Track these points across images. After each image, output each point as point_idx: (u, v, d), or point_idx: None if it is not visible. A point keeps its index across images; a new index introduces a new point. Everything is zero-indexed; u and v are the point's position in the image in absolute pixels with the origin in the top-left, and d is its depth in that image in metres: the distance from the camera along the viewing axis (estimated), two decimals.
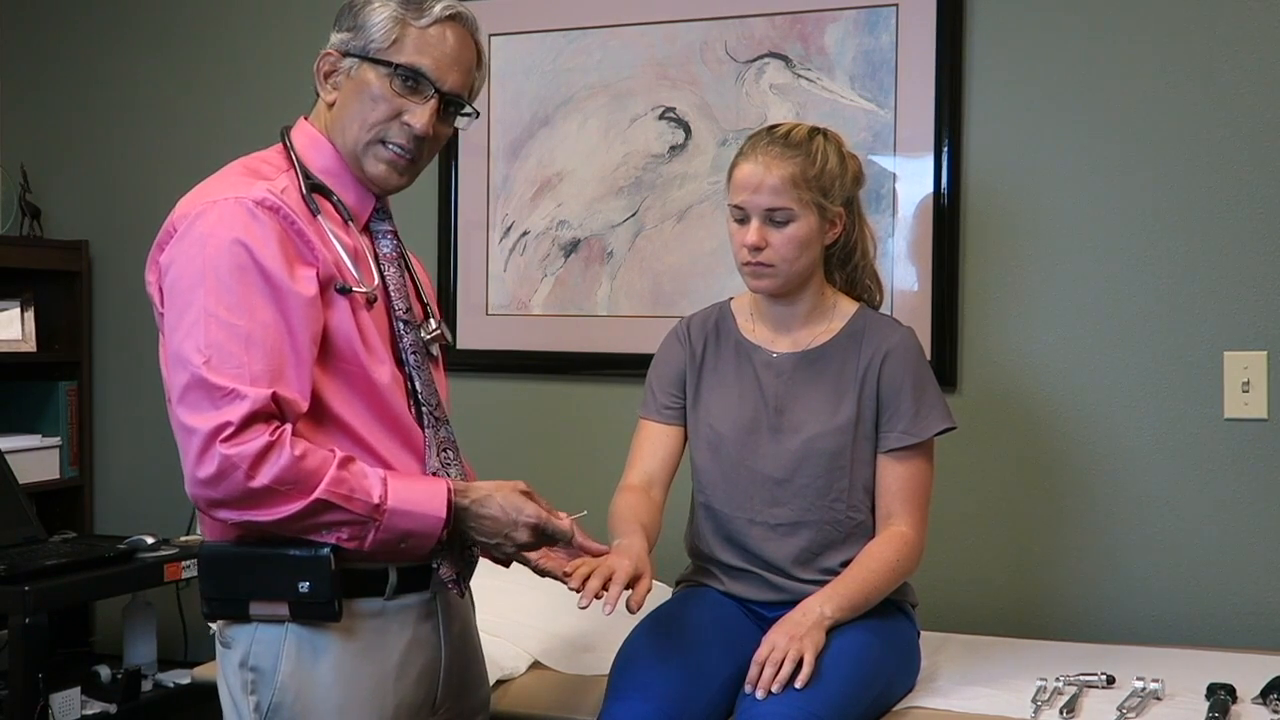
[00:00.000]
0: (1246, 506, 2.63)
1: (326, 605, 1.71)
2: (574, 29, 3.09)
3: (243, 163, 1.83)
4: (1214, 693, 2.12)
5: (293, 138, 1.87)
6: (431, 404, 1.85)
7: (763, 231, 2.15)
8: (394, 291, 1.85)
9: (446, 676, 1.88)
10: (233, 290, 1.66)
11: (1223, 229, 2.63)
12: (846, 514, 2.20)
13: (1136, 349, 2.69)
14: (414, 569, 1.81)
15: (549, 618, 2.47)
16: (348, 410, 1.75)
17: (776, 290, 2.21)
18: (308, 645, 1.74)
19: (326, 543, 1.69)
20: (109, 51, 3.54)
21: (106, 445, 3.52)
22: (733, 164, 2.20)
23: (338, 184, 1.84)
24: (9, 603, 2.57)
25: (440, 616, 1.87)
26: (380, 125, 1.81)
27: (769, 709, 1.95)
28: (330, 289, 1.74)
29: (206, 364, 1.64)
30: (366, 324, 1.78)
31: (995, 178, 2.78)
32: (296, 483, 1.64)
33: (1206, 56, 2.64)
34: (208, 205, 1.71)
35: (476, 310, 3.19)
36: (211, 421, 1.62)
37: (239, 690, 1.77)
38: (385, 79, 1.80)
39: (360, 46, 1.80)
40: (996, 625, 2.72)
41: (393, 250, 1.89)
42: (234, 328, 1.65)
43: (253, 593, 1.74)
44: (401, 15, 1.80)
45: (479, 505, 1.77)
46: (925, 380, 2.22)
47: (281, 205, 1.72)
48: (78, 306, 3.50)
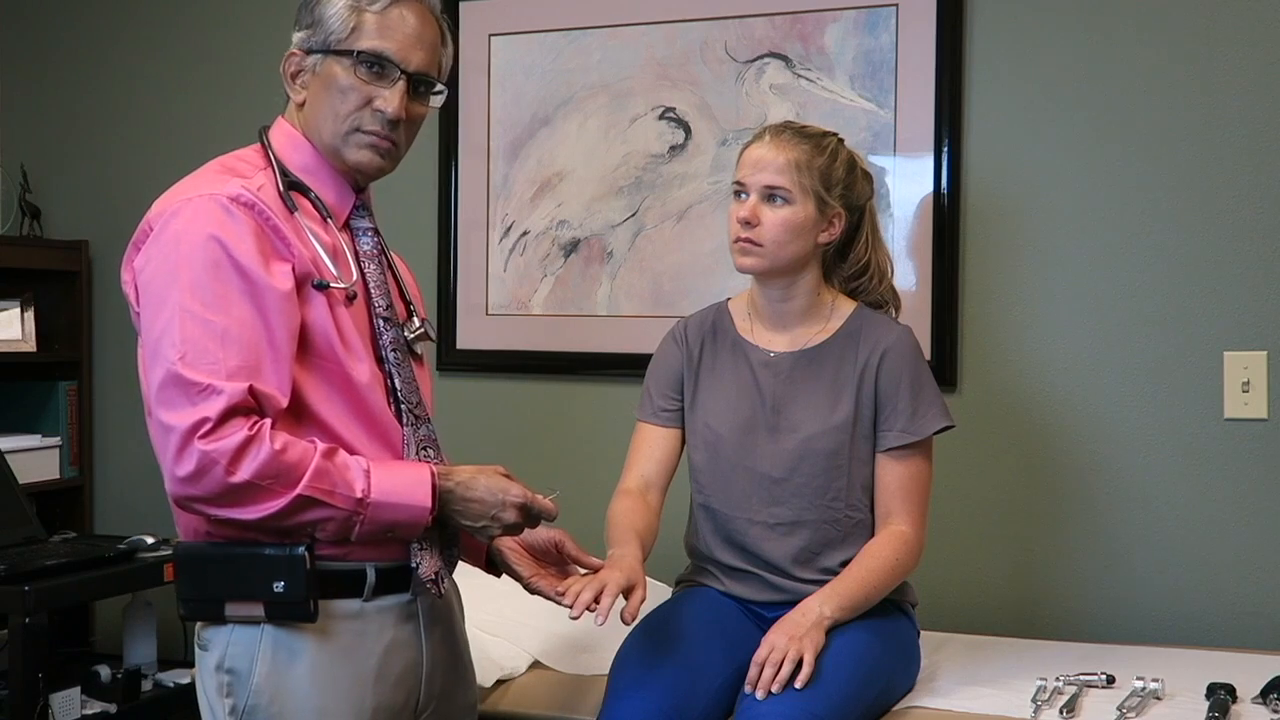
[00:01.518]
0: (1246, 506, 2.63)
1: (302, 605, 1.69)
2: (574, 29, 3.09)
3: (220, 161, 1.82)
4: (1214, 693, 2.12)
5: (270, 136, 1.86)
6: (412, 402, 1.83)
7: (757, 209, 2.16)
8: (374, 288, 1.83)
9: (429, 679, 1.85)
10: (208, 287, 1.65)
11: (1223, 229, 2.63)
12: (845, 513, 2.20)
13: (1136, 349, 2.69)
14: (393, 569, 1.79)
15: (549, 618, 2.47)
16: (326, 407, 1.73)
17: (761, 270, 2.20)
18: (284, 647, 1.72)
19: (303, 541, 1.68)
20: (109, 51, 3.54)
21: (106, 445, 3.52)
22: (744, 146, 2.24)
23: (316, 181, 1.82)
24: (9, 603, 2.57)
25: (421, 619, 1.84)
26: (353, 114, 1.80)
27: (769, 709, 1.95)
28: (307, 285, 1.73)
29: (182, 359, 1.62)
30: (345, 321, 1.76)
31: (995, 178, 2.78)
32: (278, 477, 1.63)
33: (1206, 56, 2.64)
34: (182, 203, 1.70)
35: (476, 310, 3.18)
36: (189, 418, 1.60)
37: (215, 693, 1.74)
38: (350, 69, 1.79)
39: (321, 41, 1.79)
40: (996, 625, 2.72)
41: (374, 247, 1.87)
42: (209, 324, 1.63)
43: (228, 593, 1.71)
44: (356, 3, 1.79)
45: (464, 488, 1.75)
46: (923, 379, 2.22)
47: (257, 201, 1.71)
48: (78, 306, 3.50)
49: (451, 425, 3.16)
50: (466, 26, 3.16)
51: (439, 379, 3.20)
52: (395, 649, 1.80)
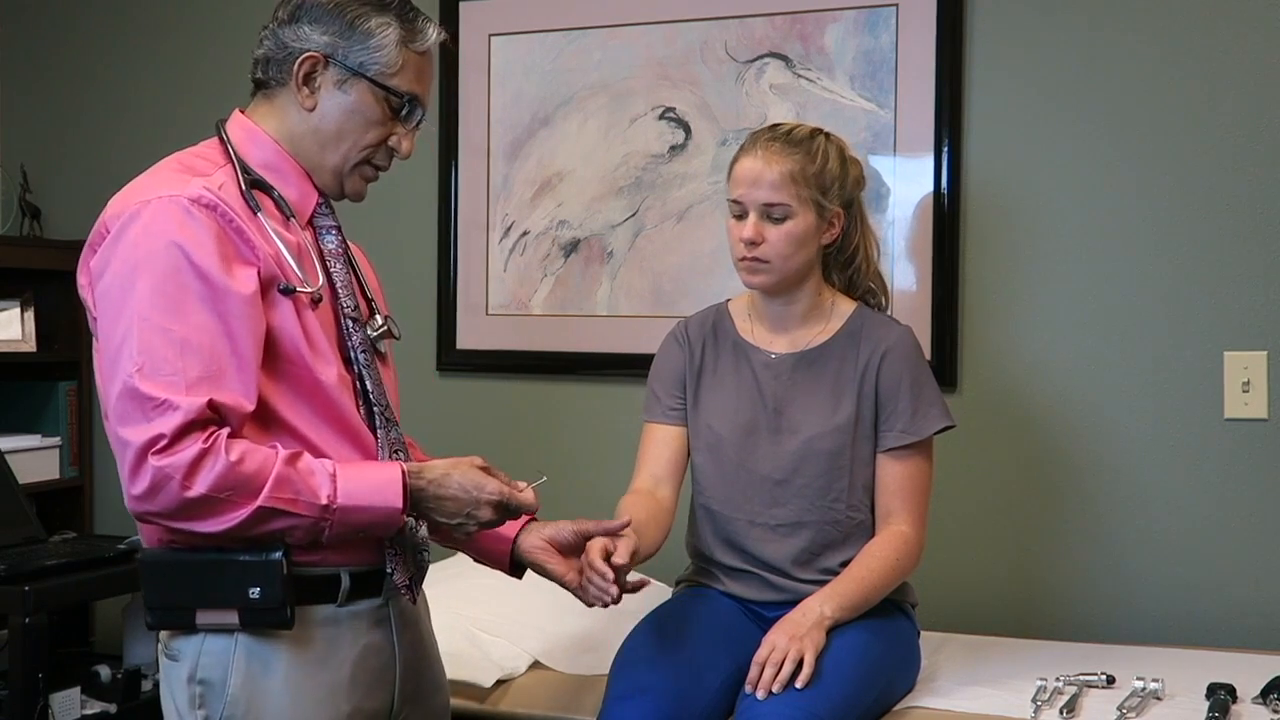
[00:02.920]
0: (1246, 506, 2.63)
1: (279, 611, 1.65)
2: (574, 29, 3.09)
3: (177, 158, 1.77)
4: (1214, 693, 2.12)
5: (228, 130, 1.81)
6: (382, 404, 1.80)
7: (759, 227, 2.15)
8: (341, 289, 1.79)
9: (402, 682, 1.83)
10: (166, 294, 1.60)
11: (1223, 229, 2.63)
12: (846, 514, 2.20)
13: (1136, 349, 2.69)
14: (367, 573, 1.76)
15: (549, 618, 2.47)
16: (294, 414, 1.69)
17: (771, 287, 2.21)
18: (258, 656, 1.68)
19: (278, 546, 1.65)
20: (109, 51, 3.54)
21: (106, 445, 3.49)
22: (734, 159, 2.21)
23: (278, 178, 1.77)
24: (9, 603, 2.57)
25: (393, 623, 1.81)
26: (371, 148, 1.79)
27: (769, 709, 1.95)
28: (273, 289, 1.68)
29: (139, 371, 1.58)
30: (312, 324, 1.72)
31: (995, 178, 2.78)
32: (236, 488, 1.59)
33: (1206, 56, 2.64)
34: (141, 205, 1.65)
35: (476, 310, 3.18)
36: (143, 435, 1.56)
37: (186, 705, 1.70)
38: (383, 103, 1.76)
39: (358, 64, 1.74)
40: (996, 625, 2.72)
41: (337, 246, 1.82)
42: (168, 333, 1.59)
43: (199, 601, 1.67)
44: (403, 38, 1.76)
45: (437, 486, 1.72)
46: (923, 379, 2.22)
47: (219, 203, 1.66)
48: (78, 306, 3.47)
49: (451, 425, 3.19)
50: (466, 26, 3.16)
51: (439, 379, 3.21)
52: (369, 654, 1.77)
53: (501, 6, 3.14)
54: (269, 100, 1.80)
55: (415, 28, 1.78)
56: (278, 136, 1.79)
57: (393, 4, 1.78)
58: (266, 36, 1.79)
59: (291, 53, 1.76)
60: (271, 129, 1.79)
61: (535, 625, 2.45)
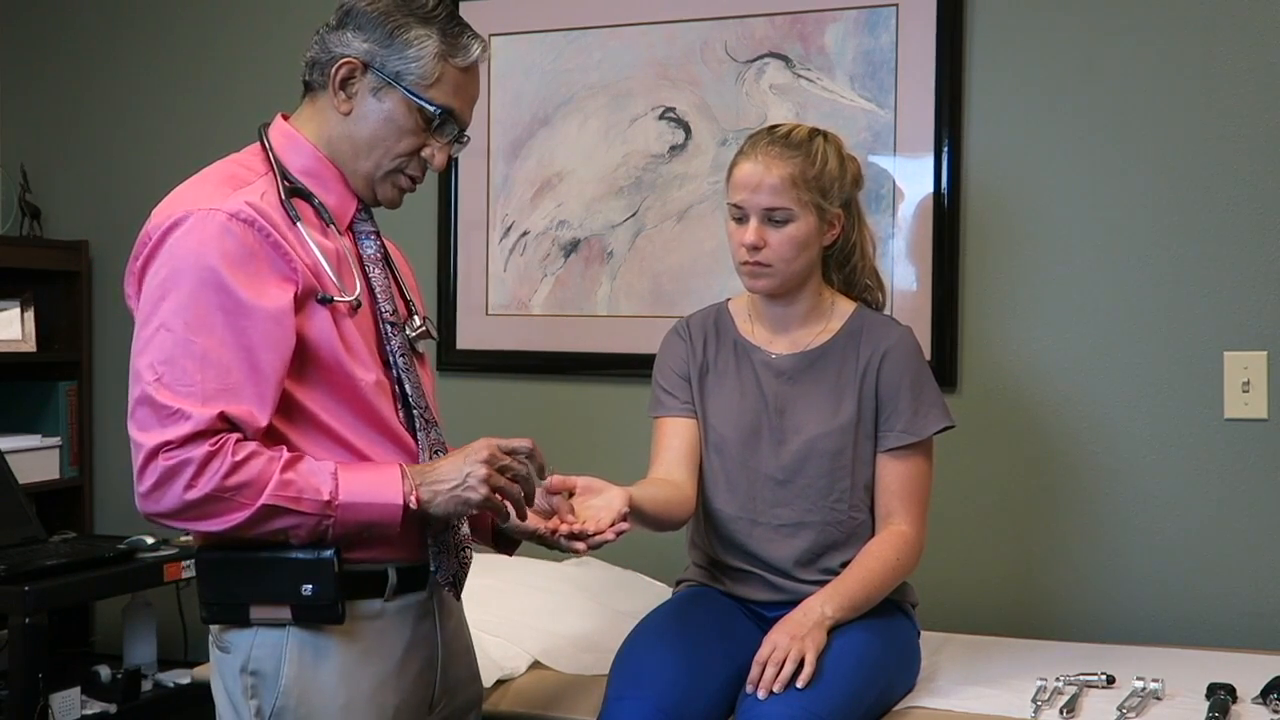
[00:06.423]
0: (1246, 506, 2.63)
1: (330, 608, 1.71)
2: (574, 29, 3.09)
3: (222, 169, 1.79)
4: (1214, 693, 2.12)
5: (270, 136, 1.83)
6: (421, 407, 1.83)
7: (761, 231, 2.15)
8: (379, 293, 1.82)
9: (444, 674, 1.89)
10: (194, 308, 1.65)
11: (1223, 229, 2.63)
12: (848, 514, 2.20)
13: (1136, 349, 2.69)
14: (412, 568, 1.81)
15: (549, 618, 2.47)
16: (335, 420, 1.74)
17: (774, 290, 2.21)
18: (310, 648, 1.73)
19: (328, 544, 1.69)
20: (109, 51, 3.54)
21: (106, 445, 3.52)
22: (732, 163, 2.20)
23: (318, 185, 1.81)
24: (9, 603, 2.57)
25: (437, 615, 1.87)
26: (404, 158, 1.81)
27: (770, 709, 1.95)
28: (311, 300, 1.72)
29: (158, 380, 1.63)
30: (350, 331, 1.75)
31: (995, 178, 2.78)
32: (239, 489, 1.63)
33: (1206, 56, 2.64)
34: (182, 216, 1.68)
35: (476, 310, 3.18)
36: (155, 439, 1.62)
37: (240, 695, 1.75)
38: (416, 113, 1.78)
39: (394, 72, 1.77)
40: (996, 625, 2.72)
41: (376, 251, 1.86)
42: (190, 345, 1.64)
43: (254, 596, 1.72)
44: (443, 52, 1.77)
45: (429, 466, 1.74)
46: (923, 379, 2.22)
47: (257, 218, 1.69)
48: (78, 306, 3.50)
49: (452, 425, 3.15)
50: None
51: (439, 379, 3.20)
52: (415, 647, 1.82)
53: (501, 6, 3.14)
54: (312, 103, 1.84)
55: (459, 43, 1.79)
56: (316, 141, 1.82)
57: (438, 17, 1.79)
58: (316, 40, 1.83)
59: (333, 57, 1.79)
60: (311, 134, 1.82)
61: (535, 625, 2.45)
